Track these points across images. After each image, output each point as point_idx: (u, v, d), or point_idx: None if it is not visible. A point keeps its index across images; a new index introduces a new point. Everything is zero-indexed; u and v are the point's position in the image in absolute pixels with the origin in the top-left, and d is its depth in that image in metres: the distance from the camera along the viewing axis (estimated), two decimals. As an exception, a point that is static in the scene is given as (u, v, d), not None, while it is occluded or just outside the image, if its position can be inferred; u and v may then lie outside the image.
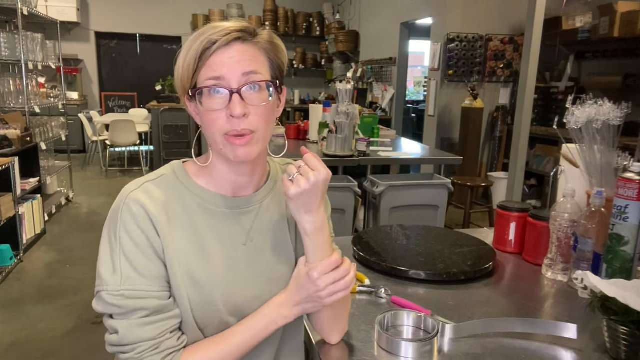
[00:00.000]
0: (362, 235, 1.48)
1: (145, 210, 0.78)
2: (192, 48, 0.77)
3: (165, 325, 0.77)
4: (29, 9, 4.16)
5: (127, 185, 0.82)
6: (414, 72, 10.05)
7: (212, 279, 0.81)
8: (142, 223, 0.77)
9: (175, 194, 0.82)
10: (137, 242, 0.77)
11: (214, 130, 0.78)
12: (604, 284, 0.89)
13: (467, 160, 4.80)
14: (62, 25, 5.52)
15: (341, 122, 2.99)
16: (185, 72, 0.78)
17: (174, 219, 0.80)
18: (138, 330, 0.75)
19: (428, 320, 0.95)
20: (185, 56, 0.78)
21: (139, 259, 0.77)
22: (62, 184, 5.26)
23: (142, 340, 0.75)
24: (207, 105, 0.77)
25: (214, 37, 0.76)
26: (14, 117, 4.07)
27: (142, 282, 0.76)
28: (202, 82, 0.77)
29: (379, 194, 2.79)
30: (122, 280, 0.75)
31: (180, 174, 0.85)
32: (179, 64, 0.79)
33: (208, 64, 0.76)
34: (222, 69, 0.76)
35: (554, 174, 1.40)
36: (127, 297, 0.75)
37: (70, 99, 7.55)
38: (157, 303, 0.76)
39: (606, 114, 1.17)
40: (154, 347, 0.76)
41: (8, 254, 3.35)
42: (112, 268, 0.76)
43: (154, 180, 0.83)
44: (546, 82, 5.04)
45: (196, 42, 0.76)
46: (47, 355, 2.44)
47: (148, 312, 0.76)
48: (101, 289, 0.76)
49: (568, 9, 4.57)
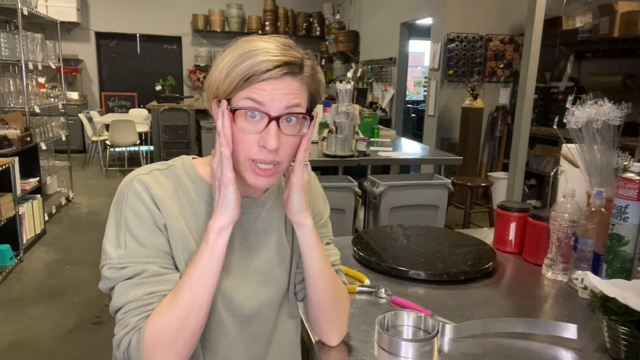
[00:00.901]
0: (362, 235, 1.48)
1: (150, 192, 0.79)
2: (240, 65, 0.75)
3: (155, 287, 0.76)
4: (29, 9, 4.16)
5: (136, 169, 0.83)
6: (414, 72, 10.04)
7: None
8: (147, 201, 0.79)
9: (182, 185, 0.83)
10: (142, 217, 0.78)
11: (240, 151, 0.78)
12: (604, 284, 0.89)
13: (467, 160, 4.80)
14: (62, 25, 5.52)
15: (341, 122, 2.99)
16: (223, 82, 0.76)
17: (178, 209, 0.81)
18: (129, 289, 0.75)
19: (428, 320, 0.95)
20: (229, 68, 0.75)
21: (143, 233, 0.78)
22: (62, 184, 5.26)
23: (130, 300, 0.75)
24: (240, 125, 0.76)
25: (266, 65, 0.74)
26: (14, 117, 4.07)
27: (144, 254, 0.77)
28: (240, 100, 0.75)
29: (379, 194, 2.79)
30: (125, 252, 0.76)
31: (189, 167, 0.86)
32: (219, 68, 0.77)
33: (253, 87, 0.75)
34: (266, 97, 0.75)
35: (554, 174, 1.40)
36: (129, 266, 0.76)
37: (70, 99, 7.55)
38: (156, 269, 0.77)
39: (606, 114, 1.17)
40: (137, 307, 0.74)
41: (8, 254, 3.35)
42: (116, 243, 0.77)
43: (162, 169, 0.84)
44: (546, 82, 5.04)
45: (246, 61, 0.74)
46: (47, 355, 2.44)
47: (145, 275, 0.76)
48: (105, 263, 0.77)
49: (568, 9, 4.57)
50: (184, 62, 8.70)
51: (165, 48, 8.71)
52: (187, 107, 6.66)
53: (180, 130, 6.58)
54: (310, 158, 3.14)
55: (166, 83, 7.30)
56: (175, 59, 8.74)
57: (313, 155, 3.21)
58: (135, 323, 0.73)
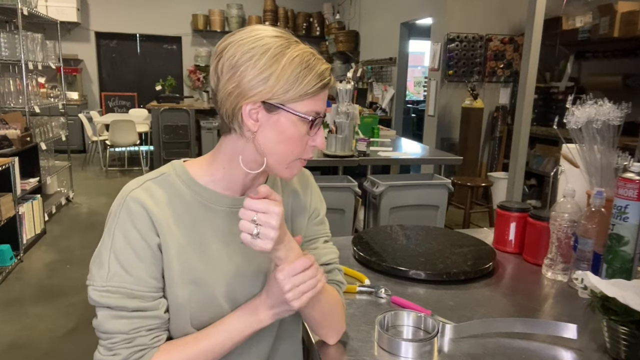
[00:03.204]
0: (362, 235, 1.48)
1: (145, 210, 0.78)
2: (307, 77, 0.76)
3: (140, 323, 0.77)
4: (29, 9, 4.16)
5: (128, 183, 0.82)
6: (414, 72, 10.04)
7: (213, 277, 0.82)
8: (139, 222, 0.78)
9: (177, 192, 0.82)
10: (130, 241, 0.77)
11: (293, 153, 0.81)
12: (604, 284, 0.89)
13: (467, 160, 4.80)
14: (62, 25, 5.52)
15: (341, 122, 2.99)
16: (286, 88, 0.76)
17: (175, 218, 0.81)
18: (113, 321, 0.76)
19: (428, 320, 0.95)
20: (298, 73, 0.76)
21: (129, 258, 0.77)
22: (62, 184, 5.26)
23: (116, 332, 0.76)
24: (306, 130, 0.80)
25: (327, 76, 0.79)
26: (14, 117, 4.07)
27: (127, 280, 0.77)
28: (306, 107, 0.78)
29: (379, 194, 2.79)
30: (108, 276, 0.77)
31: (182, 172, 0.85)
32: (274, 72, 0.75)
33: (315, 98, 0.78)
34: (322, 106, 0.81)
35: (554, 174, 1.40)
36: (111, 293, 0.76)
37: (70, 99, 7.56)
38: (138, 303, 0.77)
39: (606, 114, 1.17)
40: (127, 341, 0.77)
41: (8, 254, 3.35)
42: (100, 264, 0.78)
43: (155, 178, 0.83)
44: (546, 82, 5.04)
45: (311, 73, 0.76)
46: (47, 355, 2.44)
47: (129, 309, 0.77)
48: (88, 283, 0.79)
49: (568, 9, 4.57)
50: (184, 62, 8.70)
51: (165, 48, 8.71)
52: (187, 107, 6.65)
53: (180, 130, 6.57)
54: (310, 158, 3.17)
55: (166, 83, 7.30)
56: (175, 59, 8.74)
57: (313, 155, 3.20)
58: (127, 356, 0.76)
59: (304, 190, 0.98)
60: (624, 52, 4.33)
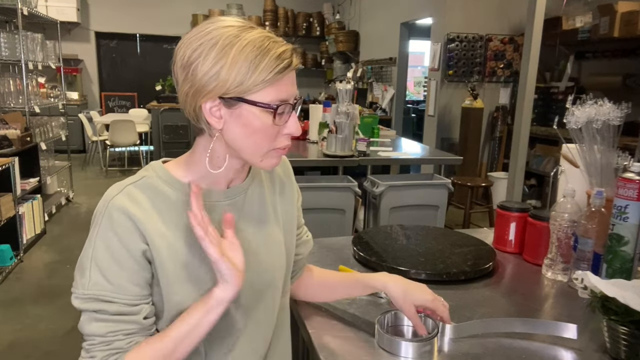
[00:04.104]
0: (362, 235, 1.48)
1: (127, 216, 0.77)
2: (261, 64, 0.73)
3: (119, 327, 0.77)
4: (29, 9, 4.16)
5: (109, 188, 0.82)
6: (414, 72, 10.04)
7: (205, 272, 0.82)
8: (120, 230, 0.77)
9: (160, 193, 0.82)
10: (111, 250, 0.77)
11: (263, 145, 0.79)
12: (604, 284, 0.89)
13: (467, 160, 4.80)
14: (62, 25, 5.52)
15: (341, 122, 2.99)
16: (239, 80, 0.74)
17: (163, 219, 0.80)
18: (93, 324, 0.78)
19: (428, 320, 0.95)
20: (250, 62, 0.73)
21: (109, 266, 0.77)
22: (62, 184, 5.26)
23: (95, 334, 0.77)
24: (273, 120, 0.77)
25: (288, 57, 0.75)
26: (14, 117, 4.07)
27: (107, 288, 0.77)
28: (262, 100, 0.75)
29: (379, 194, 2.78)
30: (89, 284, 0.77)
31: (163, 173, 0.84)
32: (223, 65, 0.73)
33: (277, 85, 0.75)
34: (288, 91, 0.77)
35: (554, 174, 1.40)
36: (92, 300, 0.77)
37: (70, 99, 7.56)
38: (117, 308, 0.77)
39: (606, 114, 1.17)
40: (105, 344, 0.77)
41: (8, 254, 3.35)
42: (82, 271, 0.79)
43: (136, 182, 0.82)
44: (546, 82, 5.04)
45: (265, 58, 0.73)
46: (47, 355, 2.44)
47: (109, 312, 0.77)
48: (72, 290, 0.79)
49: (568, 9, 4.57)
50: (184, 62, 8.69)
51: (165, 48, 8.70)
52: (187, 107, 6.65)
53: (180, 130, 6.58)
54: (310, 158, 3.17)
55: (166, 83, 7.29)
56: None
57: (313, 155, 3.21)
58: (102, 358, 0.77)
59: (288, 178, 0.99)
60: (624, 52, 4.33)
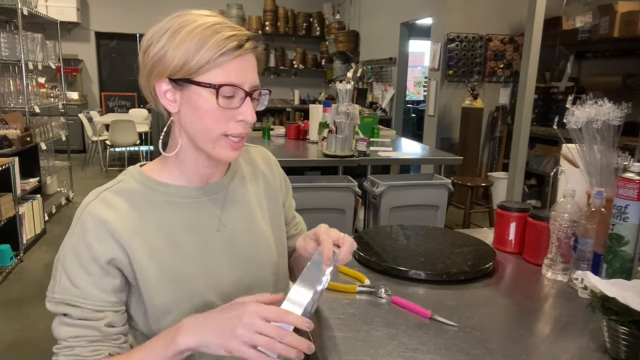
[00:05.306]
0: (362, 235, 1.48)
1: (101, 222, 0.78)
2: (206, 44, 0.74)
3: (81, 332, 0.78)
4: (29, 9, 4.16)
5: (89, 194, 0.83)
6: (414, 72, 10.04)
7: (192, 270, 0.82)
8: (91, 237, 0.77)
9: (137, 196, 0.82)
10: (78, 255, 0.78)
11: (212, 128, 0.78)
12: (604, 284, 0.89)
13: (467, 160, 4.80)
14: (62, 25, 5.52)
15: (341, 122, 2.99)
16: (191, 58, 0.74)
17: (140, 220, 0.80)
18: (61, 328, 0.79)
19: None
20: (197, 43, 0.74)
21: (77, 272, 0.78)
22: (62, 184, 5.26)
23: (61, 338, 0.79)
24: (220, 102, 0.76)
25: (238, 40, 0.75)
26: (14, 117, 4.07)
27: (74, 293, 0.78)
28: (215, 77, 0.75)
29: (379, 194, 2.78)
30: (57, 288, 0.79)
31: (139, 176, 0.85)
32: (170, 47, 0.76)
33: (224, 67, 0.75)
34: (242, 76, 0.76)
35: (554, 174, 1.40)
36: (60, 304, 0.78)
37: (70, 99, 7.55)
38: (81, 313, 0.78)
39: (606, 114, 1.17)
40: (68, 349, 0.78)
41: (8, 254, 3.34)
42: (54, 275, 0.80)
43: (112, 187, 0.83)
44: (546, 82, 5.04)
45: (212, 39, 0.74)
46: (47, 355, 2.43)
47: (73, 317, 0.78)
48: (47, 294, 0.81)
49: (568, 9, 4.57)
50: (184, 62, 8.69)
51: (165, 48, 8.71)
52: (187, 107, 6.65)
53: (180, 130, 6.57)
54: (310, 158, 3.17)
55: (166, 83, 7.29)
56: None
57: (313, 155, 3.21)
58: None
59: (270, 169, 0.99)
60: (624, 52, 4.34)
